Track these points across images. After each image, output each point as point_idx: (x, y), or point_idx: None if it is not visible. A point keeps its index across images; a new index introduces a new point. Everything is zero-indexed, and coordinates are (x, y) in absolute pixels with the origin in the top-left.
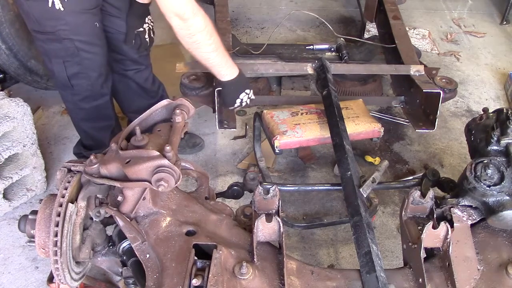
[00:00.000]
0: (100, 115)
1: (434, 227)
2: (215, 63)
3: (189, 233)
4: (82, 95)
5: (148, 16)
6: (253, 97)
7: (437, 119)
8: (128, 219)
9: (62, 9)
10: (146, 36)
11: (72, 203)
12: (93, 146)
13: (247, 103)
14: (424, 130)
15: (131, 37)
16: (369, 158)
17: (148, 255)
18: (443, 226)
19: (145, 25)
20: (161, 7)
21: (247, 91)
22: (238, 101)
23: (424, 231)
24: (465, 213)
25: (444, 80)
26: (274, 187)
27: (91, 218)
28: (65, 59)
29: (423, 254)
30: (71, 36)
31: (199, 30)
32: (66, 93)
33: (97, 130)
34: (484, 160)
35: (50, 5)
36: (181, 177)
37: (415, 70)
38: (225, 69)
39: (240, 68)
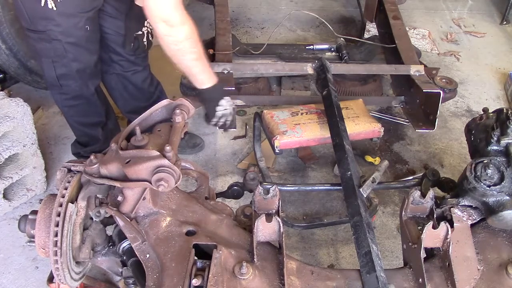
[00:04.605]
0: (89, 112)
1: (434, 227)
2: (196, 71)
3: (189, 233)
4: (70, 94)
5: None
6: (234, 105)
7: (437, 119)
8: (128, 219)
9: (54, 8)
10: (145, 39)
11: (72, 203)
12: (88, 142)
13: (230, 114)
14: (424, 130)
15: (129, 40)
16: (369, 158)
17: (148, 255)
18: (443, 226)
19: (144, 29)
20: (148, 12)
21: (226, 98)
22: (219, 112)
23: (424, 231)
24: (465, 213)
25: (444, 80)
26: (274, 187)
27: (91, 218)
28: (54, 59)
29: (423, 254)
30: (60, 38)
31: (186, 38)
32: (55, 92)
33: (88, 126)
34: (484, 160)
35: (42, 4)
36: (181, 177)
37: (415, 70)
38: (203, 76)
39: (219, 79)
